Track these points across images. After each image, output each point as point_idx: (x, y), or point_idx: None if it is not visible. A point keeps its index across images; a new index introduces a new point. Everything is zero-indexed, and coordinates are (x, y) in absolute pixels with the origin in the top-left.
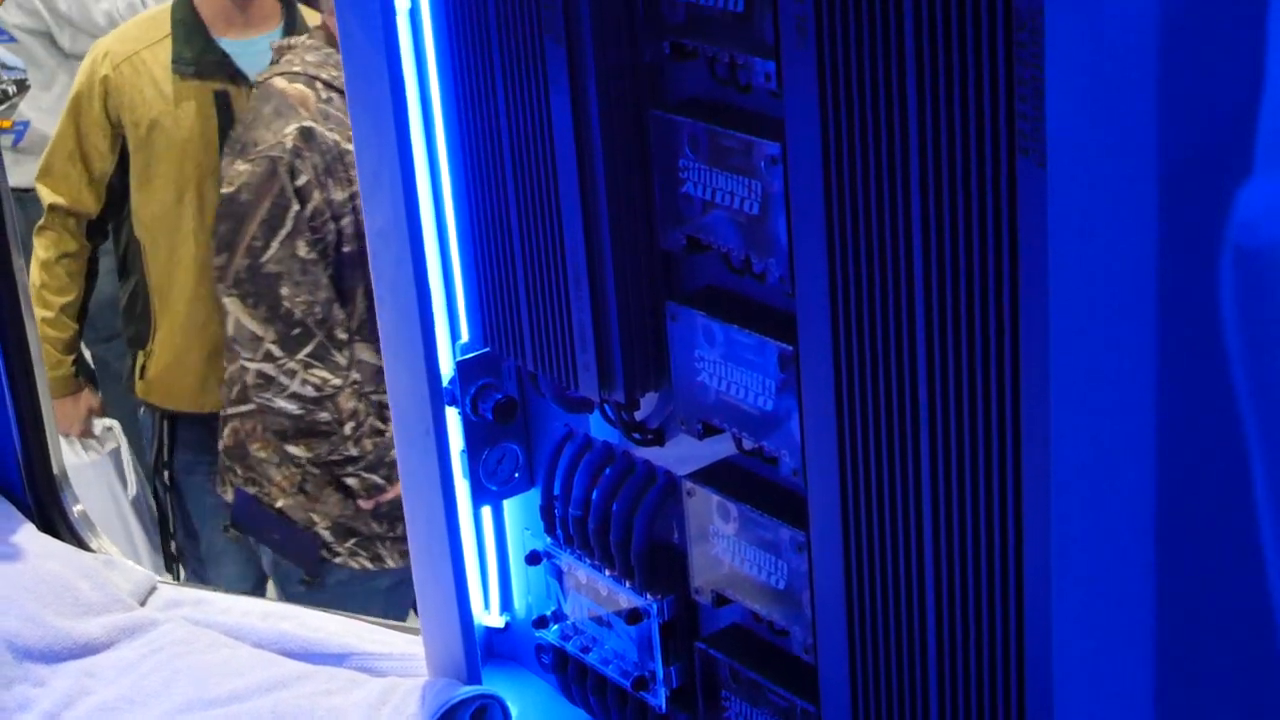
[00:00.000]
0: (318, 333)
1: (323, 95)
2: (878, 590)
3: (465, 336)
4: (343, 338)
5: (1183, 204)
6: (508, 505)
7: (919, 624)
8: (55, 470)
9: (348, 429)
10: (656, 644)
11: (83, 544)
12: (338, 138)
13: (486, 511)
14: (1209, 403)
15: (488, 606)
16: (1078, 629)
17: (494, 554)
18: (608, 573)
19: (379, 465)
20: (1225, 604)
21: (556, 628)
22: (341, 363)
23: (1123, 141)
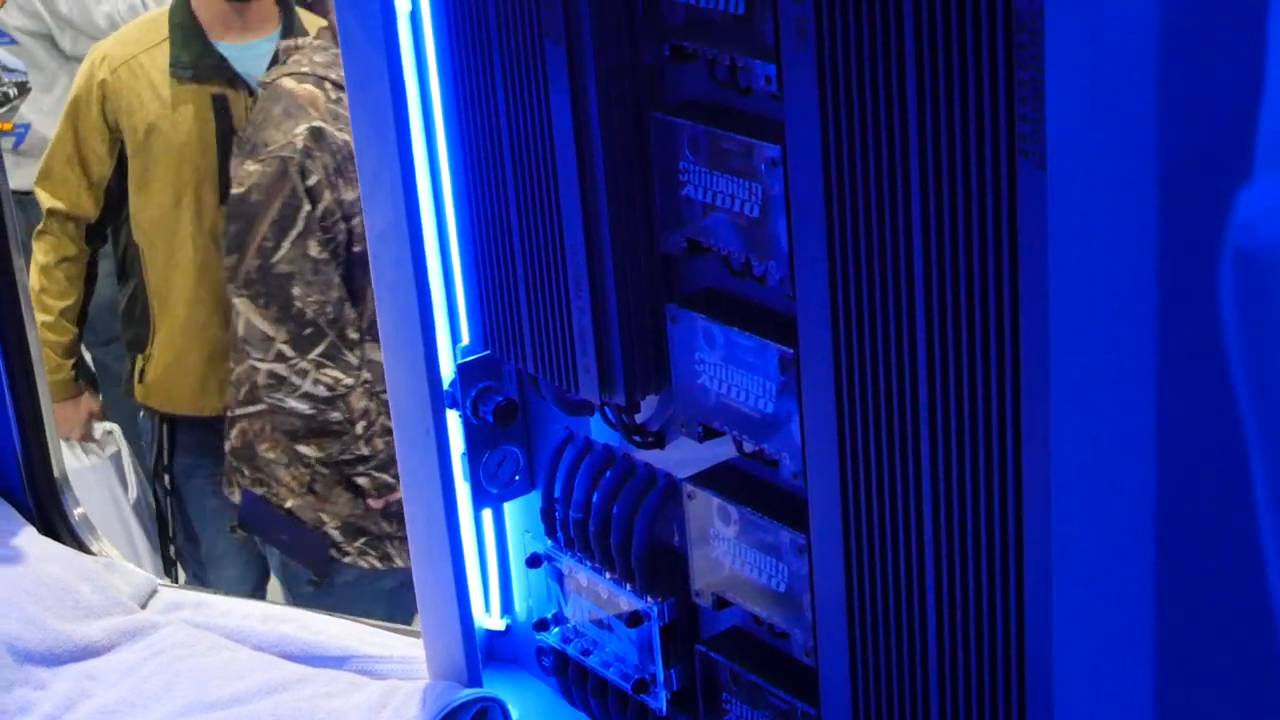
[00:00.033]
0: (329, 332)
1: (332, 95)
2: (878, 593)
3: (466, 339)
4: (354, 337)
5: (1183, 206)
6: (508, 508)
7: (919, 626)
8: (56, 473)
9: (359, 428)
10: (657, 647)
11: (83, 547)
12: (347, 138)
13: (487, 514)
14: (1209, 404)
15: (488, 609)
16: (1078, 631)
17: (494, 557)
18: (608, 575)
19: (390, 464)
20: (1225, 604)
21: (557, 630)
22: (353, 362)
23: (1123, 143)
